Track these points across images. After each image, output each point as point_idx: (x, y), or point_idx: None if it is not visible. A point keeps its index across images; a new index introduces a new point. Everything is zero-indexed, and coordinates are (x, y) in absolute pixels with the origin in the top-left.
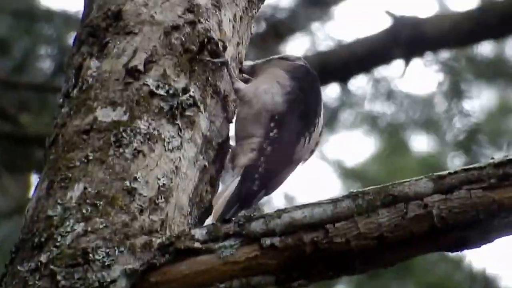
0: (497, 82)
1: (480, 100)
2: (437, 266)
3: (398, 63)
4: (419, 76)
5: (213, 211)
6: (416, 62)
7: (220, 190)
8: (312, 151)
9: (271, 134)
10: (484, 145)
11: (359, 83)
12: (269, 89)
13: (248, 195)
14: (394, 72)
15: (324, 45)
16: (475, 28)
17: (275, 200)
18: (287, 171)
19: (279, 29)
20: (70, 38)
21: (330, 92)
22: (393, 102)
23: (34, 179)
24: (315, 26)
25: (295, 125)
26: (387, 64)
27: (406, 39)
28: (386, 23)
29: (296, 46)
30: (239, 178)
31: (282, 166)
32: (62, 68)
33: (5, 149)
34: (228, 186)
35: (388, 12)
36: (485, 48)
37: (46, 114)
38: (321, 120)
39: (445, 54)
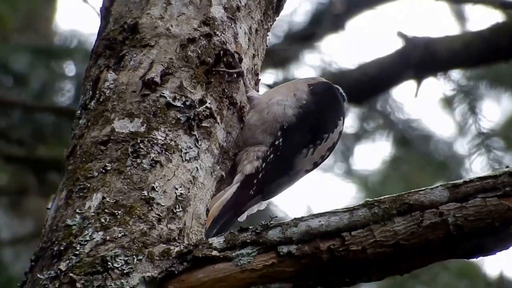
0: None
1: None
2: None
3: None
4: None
5: (209, 214)
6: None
7: (218, 194)
8: (315, 163)
9: (276, 142)
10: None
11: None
12: (282, 101)
13: (244, 201)
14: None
15: (335, 65)
16: (487, 48)
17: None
18: (286, 179)
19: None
20: None
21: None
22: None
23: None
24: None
25: (302, 137)
26: (399, 84)
27: (417, 60)
28: (398, 44)
29: (308, 64)
30: (238, 184)
31: (280, 173)
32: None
33: (21, 173)
34: (226, 190)
35: (400, 33)
36: None
37: (61, 144)
38: (332, 136)
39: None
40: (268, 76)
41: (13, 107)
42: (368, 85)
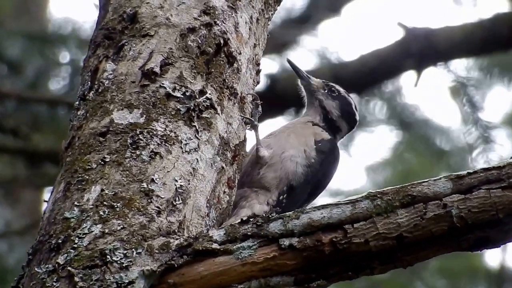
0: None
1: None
2: None
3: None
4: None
5: None
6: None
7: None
8: None
9: (281, 197)
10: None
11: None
12: (295, 157)
13: None
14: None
15: (335, 54)
16: (487, 38)
17: None
18: None
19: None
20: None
21: None
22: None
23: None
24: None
25: (302, 196)
26: (399, 75)
27: (418, 50)
28: (398, 34)
29: (305, 53)
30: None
31: None
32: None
33: (17, 165)
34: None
35: (400, 24)
36: None
37: (57, 133)
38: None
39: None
40: (267, 62)
41: (7, 97)
42: (369, 76)
